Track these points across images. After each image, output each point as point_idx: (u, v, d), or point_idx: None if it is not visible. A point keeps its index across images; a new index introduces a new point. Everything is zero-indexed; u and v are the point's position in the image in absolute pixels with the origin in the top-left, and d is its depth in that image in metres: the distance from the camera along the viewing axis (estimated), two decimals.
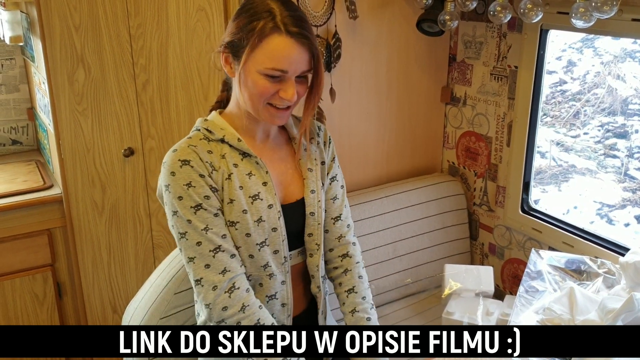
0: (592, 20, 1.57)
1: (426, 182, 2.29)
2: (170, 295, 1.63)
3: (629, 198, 2.64)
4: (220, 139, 1.43)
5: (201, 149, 1.40)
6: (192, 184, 1.36)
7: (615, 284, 1.66)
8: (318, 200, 1.54)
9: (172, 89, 2.14)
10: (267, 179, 1.45)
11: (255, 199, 1.42)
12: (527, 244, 2.16)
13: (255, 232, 1.42)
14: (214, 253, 1.37)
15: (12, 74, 2.67)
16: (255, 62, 1.34)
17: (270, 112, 1.40)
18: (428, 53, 2.30)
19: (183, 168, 1.36)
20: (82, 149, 2.15)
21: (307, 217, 1.53)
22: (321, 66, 1.41)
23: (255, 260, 1.44)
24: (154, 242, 2.33)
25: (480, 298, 1.92)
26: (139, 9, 2.05)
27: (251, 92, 1.37)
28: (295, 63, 1.34)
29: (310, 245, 1.54)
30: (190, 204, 1.36)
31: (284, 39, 1.33)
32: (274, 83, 1.36)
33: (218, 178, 1.40)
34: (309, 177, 1.54)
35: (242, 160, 1.44)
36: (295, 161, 1.55)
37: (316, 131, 1.61)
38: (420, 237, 2.23)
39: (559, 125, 2.82)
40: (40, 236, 2.27)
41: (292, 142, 1.57)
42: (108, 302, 2.36)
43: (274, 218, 1.45)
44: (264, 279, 1.46)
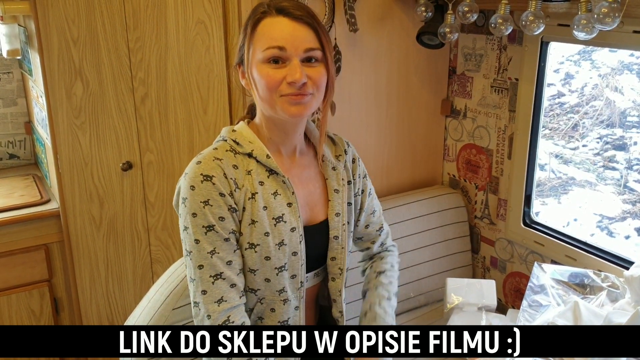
0: (594, 32, 1.57)
1: (427, 195, 2.28)
2: (168, 311, 1.61)
3: (628, 210, 2.63)
4: (248, 153, 1.36)
5: (226, 164, 1.33)
6: (209, 202, 1.29)
7: (620, 297, 1.65)
8: (343, 224, 1.48)
9: (170, 103, 2.13)
10: (292, 200, 1.38)
11: (279, 221, 1.36)
12: (529, 257, 2.15)
13: (275, 256, 1.36)
14: (214, 280, 1.31)
15: (10, 87, 2.66)
16: (254, 54, 1.30)
17: (285, 101, 1.29)
18: (428, 66, 2.29)
19: (204, 184, 1.29)
20: (79, 163, 2.14)
21: (330, 241, 1.47)
22: (328, 42, 1.32)
23: (271, 285, 1.38)
24: (152, 257, 2.30)
25: (483, 312, 1.90)
26: (137, 23, 2.04)
27: (261, 88, 1.30)
28: (292, 39, 1.27)
29: (333, 269, 1.49)
30: (202, 223, 1.29)
31: (274, 18, 1.29)
32: (279, 69, 1.28)
33: (240, 197, 1.33)
34: (334, 199, 1.47)
35: (269, 178, 1.37)
36: (323, 180, 1.49)
37: (344, 147, 1.55)
38: (422, 250, 2.22)
39: (557, 138, 2.81)
40: (37, 251, 2.25)
41: (320, 161, 1.49)
42: (106, 317, 2.33)
43: (295, 242, 1.38)
44: (277, 303, 1.40)
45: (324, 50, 1.31)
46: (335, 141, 1.55)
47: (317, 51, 1.30)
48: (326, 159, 1.49)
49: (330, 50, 1.33)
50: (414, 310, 2.22)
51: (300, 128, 1.43)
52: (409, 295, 2.20)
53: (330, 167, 1.49)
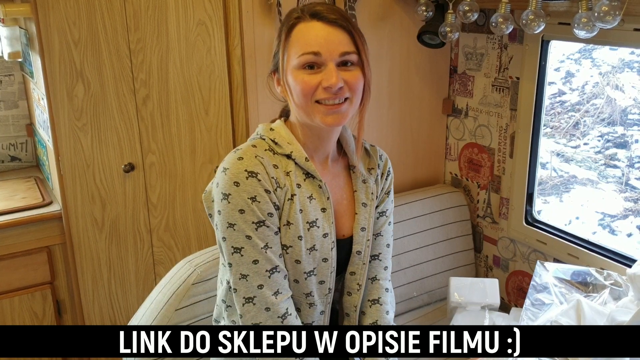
0: (594, 31, 1.57)
1: (429, 194, 2.28)
2: (171, 312, 1.61)
3: (630, 208, 2.62)
4: (287, 154, 1.34)
5: (267, 162, 1.30)
6: (257, 199, 1.27)
7: (622, 295, 1.65)
8: (367, 239, 1.45)
9: (172, 104, 2.13)
10: (327, 205, 1.37)
11: (312, 226, 1.35)
12: (532, 255, 2.15)
13: (305, 261, 1.35)
14: (270, 273, 1.30)
15: (11, 90, 2.66)
16: (290, 60, 1.28)
17: (321, 110, 1.27)
18: (429, 65, 2.29)
19: (249, 180, 1.26)
20: (81, 164, 2.14)
21: (352, 255, 1.45)
22: (364, 45, 1.29)
23: (300, 286, 1.37)
24: (155, 258, 2.30)
25: (486, 311, 1.90)
26: (138, 24, 2.04)
27: (297, 94, 1.28)
28: (326, 43, 1.25)
29: (351, 284, 1.47)
30: (252, 219, 1.27)
31: (308, 23, 1.27)
32: (314, 74, 1.26)
33: (281, 196, 1.31)
34: (361, 212, 1.44)
35: (305, 181, 1.35)
36: (352, 192, 1.46)
37: (377, 161, 1.50)
38: (424, 250, 2.22)
39: (559, 136, 2.81)
40: (40, 253, 2.24)
41: (350, 171, 1.46)
42: (108, 319, 2.33)
43: (327, 248, 1.37)
44: (303, 305, 1.40)
45: (360, 54, 1.29)
46: (370, 153, 1.51)
47: (353, 55, 1.28)
48: (357, 171, 1.46)
49: (367, 54, 1.30)
50: (417, 309, 2.21)
51: (335, 135, 1.41)
52: (412, 295, 2.20)
53: (360, 180, 1.46)
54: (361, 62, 1.29)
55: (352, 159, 1.45)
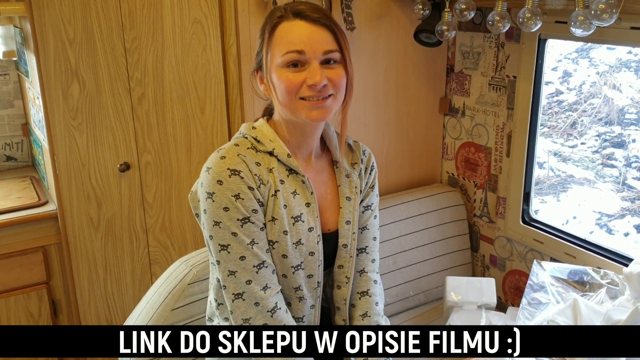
0: (591, 29, 1.57)
1: (425, 193, 2.28)
2: (167, 312, 1.61)
3: (627, 207, 2.63)
4: (269, 151, 1.37)
5: (250, 160, 1.33)
6: (240, 196, 1.30)
7: (619, 294, 1.65)
8: (352, 232, 1.48)
9: (168, 103, 2.12)
10: (311, 200, 1.40)
11: (297, 221, 1.37)
12: (529, 255, 2.14)
13: (292, 255, 1.37)
14: (258, 269, 1.32)
15: (6, 89, 2.65)
16: (273, 58, 1.30)
17: (305, 106, 1.30)
18: (426, 64, 2.29)
19: (232, 178, 1.29)
20: (77, 164, 2.13)
21: (339, 249, 1.47)
22: (346, 43, 1.32)
23: (288, 281, 1.39)
24: (151, 258, 2.30)
25: (483, 310, 1.90)
26: (134, 23, 2.03)
27: (281, 92, 1.30)
28: (310, 42, 1.27)
29: (340, 277, 1.49)
30: (237, 216, 1.30)
31: (291, 21, 1.29)
32: (298, 72, 1.29)
33: (265, 192, 1.34)
34: (345, 206, 1.47)
35: (288, 177, 1.38)
36: (335, 186, 1.48)
37: (360, 156, 1.54)
38: (421, 249, 2.21)
39: (556, 136, 2.81)
40: (35, 253, 2.24)
41: (334, 166, 1.49)
42: (104, 319, 2.32)
43: (312, 242, 1.40)
44: (293, 300, 1.42)
45: (343, 52, 1.32)
46: (352, 148, 1.54)
47: (336, 53, 1.31)
48: (340, 166, 1.49)
49: (349, 51, 1.34)
50: (414, 309, 2.21)
51: (318, 131, 1.44)
52: (409, 294, 2.19)
53: (343, 175, 1.49)
54: (344, 60, 1.32)
55: (335, 155, 1.48)
